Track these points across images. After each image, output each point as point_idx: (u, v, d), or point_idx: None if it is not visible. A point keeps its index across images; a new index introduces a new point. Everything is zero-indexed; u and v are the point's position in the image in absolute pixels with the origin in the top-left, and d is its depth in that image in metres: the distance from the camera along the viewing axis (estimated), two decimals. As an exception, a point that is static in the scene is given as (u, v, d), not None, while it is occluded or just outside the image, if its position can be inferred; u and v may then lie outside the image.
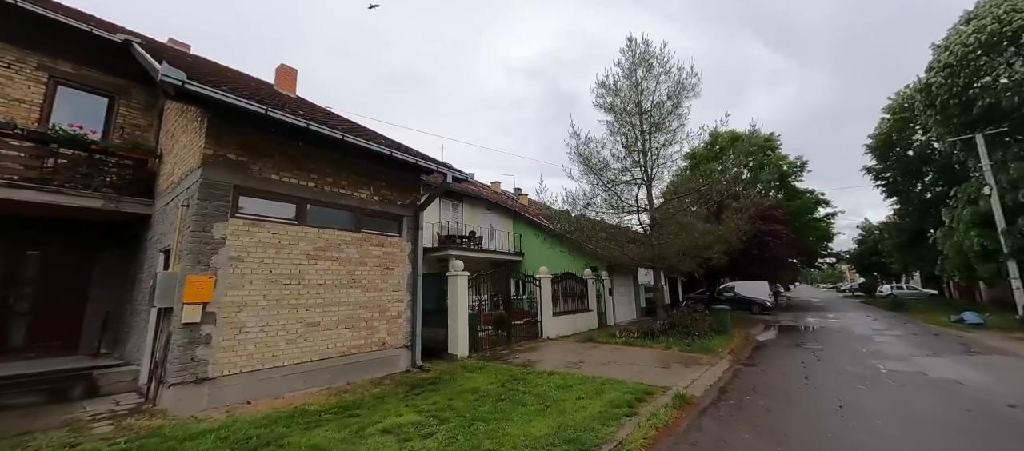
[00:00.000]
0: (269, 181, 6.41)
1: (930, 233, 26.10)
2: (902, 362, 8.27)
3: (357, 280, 7.40)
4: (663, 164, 13.27)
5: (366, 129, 9.26)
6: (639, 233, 13.32)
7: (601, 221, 13.10)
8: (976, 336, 12.10)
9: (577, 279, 14.96)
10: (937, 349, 9.81)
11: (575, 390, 5.98)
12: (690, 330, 11.25)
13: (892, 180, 28.81)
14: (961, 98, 17.39)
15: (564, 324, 13.32)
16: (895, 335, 12.53)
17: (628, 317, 18.76)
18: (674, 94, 12.85)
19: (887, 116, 26.79)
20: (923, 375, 7.02)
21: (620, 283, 19.05)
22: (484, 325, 13.13)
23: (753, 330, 14.46)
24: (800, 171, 32.62)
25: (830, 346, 10.74)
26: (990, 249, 15.67)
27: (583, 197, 13.51)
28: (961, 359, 8.49)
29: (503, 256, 19.99)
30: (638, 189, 12.82)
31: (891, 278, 42.43)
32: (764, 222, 18.62)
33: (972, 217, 16.56)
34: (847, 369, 7.73)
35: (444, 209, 19.33)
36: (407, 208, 8.59)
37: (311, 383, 6.47)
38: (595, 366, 8.09)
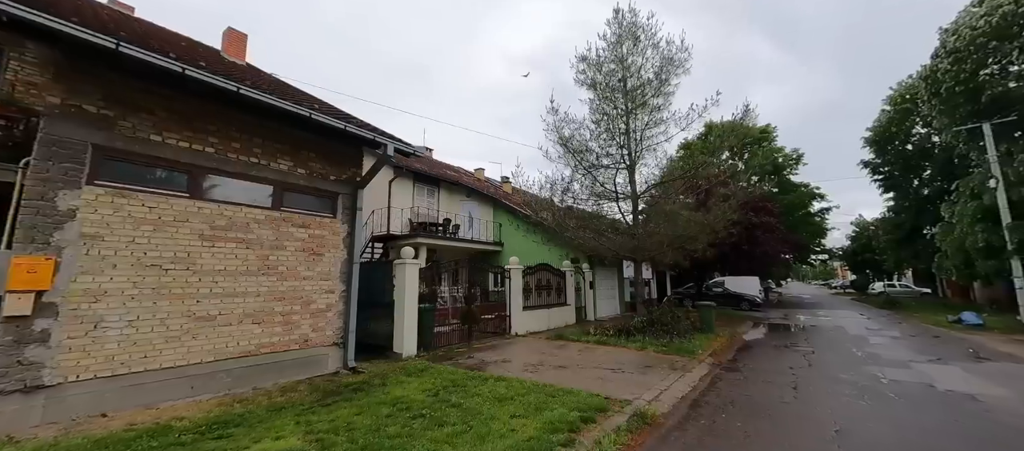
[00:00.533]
0: (148, 143, 5.21)
1: (926, 230, 25.30)
2: (904, 369, 7.29)
3: (272, 267, 6.26)
4: (647, 147, 12.16)
5: (317, 100, 8.03)
6: (619, 221, 12.23)
7: (577, 208, 11.99)
8: (979, 338, 11.20)
9: (554, 271, 13.89)
10: (941, 354, 8.86)
11: (515, 403, 4.91)
12: (670, 328, 10.23)
13: (889, 174, 27.91)
14: (968, 86, 16.36)
15: (536, 319, 12.27)
16: (892, 336, 11.60)
17: (611, 312, 17.76)
18: (662, 70, 11.70)
19: (887, 108, 25.79)
20: (931, 387, 6.02)
21: (603, 276, 18.03)
22: (452, 319, 12.08)
23: (739, 328, 13.50)
24: (795, 164, 31.69)
25: (822, 348, 9.77)
26: (994, 245, 14.76)
27: (562, 182, 12.40)
28: (970, 367, 7.52)
29: (481, 246, 18.91)
30: (616, 172, 11.70)
31: (883, 276, 41.85)
32: (756, 214, 17.61)
33: (975, 212, 15.62)
34: (842, 378, 6.73)
35: (418, 194, 18.16)
36: (344, 185, 7.42)
37: (203, 389, 5.35)
38: (553, 370, 7.03)
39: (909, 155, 26.02)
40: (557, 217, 11.46)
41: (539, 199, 11.92)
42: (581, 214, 11.78)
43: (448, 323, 11.51)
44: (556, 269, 14.06)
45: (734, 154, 27.79)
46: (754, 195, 18.51)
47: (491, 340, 10.44)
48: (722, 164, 18.70)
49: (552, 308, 13.25)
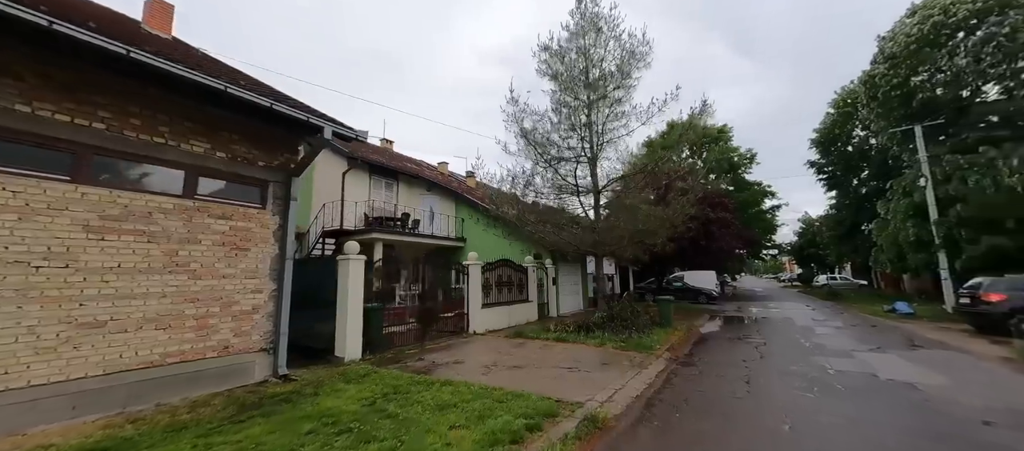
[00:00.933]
0: (12, 114, 4.30)
1: (864, 226, 27.17)
2: (848, 359, 7.48)
3: (182, 263, 5.45)
4: (609, 140, 12.02)
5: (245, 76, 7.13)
6: (580, 216, 12.02)
7: (535, 202, 11.67)
8: (912, 327, 11.93)
9: (515, 267, 13.54)
10: (879, 342, 9.26)
11: (458, 412, 4.46)
12: (630, 323, 10.14)
13: (832, 174, 29.76)
14: (902, 90, 17.50)
15: (496, 317, 11.87)
16: (835, 326, 12.15)
17: (574, 308, 17.66)
18: (623, 62, 11.57)
19: (832, 111, 27.40)
20: (874, 377, 6.15)
21: (567, 272, 17.91)
22: (409, 318, 11.44)
23: (697, 321, 13.73)
24: (749, 163, 33.10)
25: (773, 339, 10.00)
26: (923, 240, 15.89)
27: (523, 175, 12.03)
28: (907, 355, 7.85)
29: (442, 242, 18.25)
30: (577, 165, 11.46)
31: (826, 269, 44.82)
32: (712, 210, 18.08)
33: (907, 208, 16.77)
34: (792, 369, 6.78)
35: (375, 188, 17.24)
36: (275, 172, 6.65)
37: (90, 409, 4.52)
38: (507, 371, 6.64)
39: (850, 156, 27.84)
40: (518, 211, 11.08)
41: (501, 193, 11.49)
42: (541, 208, 11.47)
43: (405, 322, 10.88)
44: (517, 265, 13.72)
45: (693, 152, 28.66)
46: (711, 191, 19.00)
47: (448, 339, 9.93)
48: (682, 161, 19.13)
49: (513, 305, 12.89)
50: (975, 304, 10.46)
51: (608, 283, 24.03)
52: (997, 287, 10.27)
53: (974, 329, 11.08)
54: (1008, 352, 7.51)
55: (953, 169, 15.59)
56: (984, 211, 14.13)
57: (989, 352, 7.90)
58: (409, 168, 19.30)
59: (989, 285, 10.46)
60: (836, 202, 30.42)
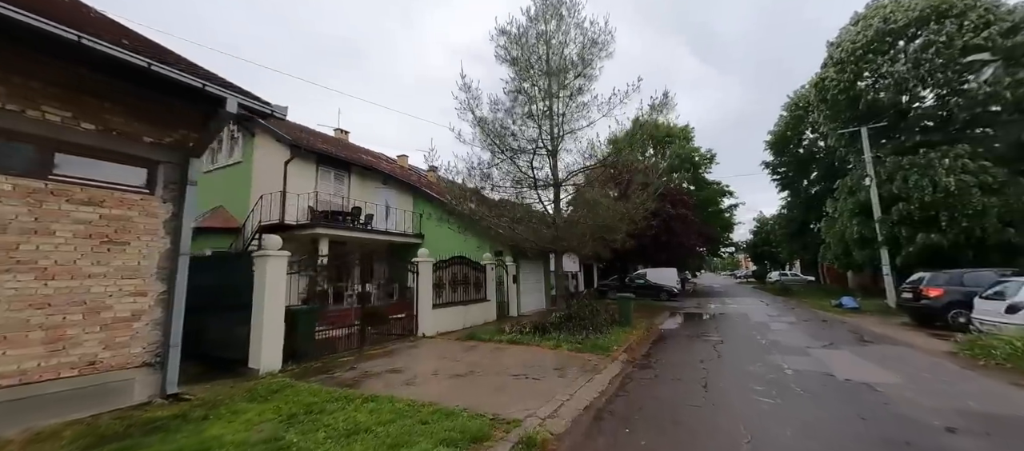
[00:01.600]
0: None
1: (813, 225, 28.48)
2: (803, 357, 7.31)
3: (26, 260, 4.32)
4: (569, 131, 11.50)
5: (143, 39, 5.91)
6: (538, 210, 11.45)
7: (493, 195, 10.99)
8: (858, 321, 12.24)
9: (472, 264, 12.79)
10: (831, 338, 9.28)
11: (369, 438, 3.69)
12: (588, 323, 9.66)
13: (785, 175, 31.03)
14: (848, 94, 18.20)
15: (450, 317, 11.08)
16: (789, 322, 12.28)
17: (536, 307, 17.14)
18: (585, 51, 11.07)
19: (785, 113, 28.49)
20: (830, 377, 5.91)
21: (529, 269, 17.35)
22: (356, 320, 10.44)
23: (657, 319, 13.55)
24: (709, 163, 34.04)
25: (730, 336, 9.85)
26: (867, 237, 16.56)
27: (479, 166, 11.28)
28: (859, 351, 7.81)
29: (398, 238, 17.20)
30: (533, 156, 10.85)
31: (778, 266, 47.06)
32: (673, 207, 18.12)
33: (853, 207, 17.45)
34: (750, 370, 6.47)
35: (323, 179, 15.95)
36: (168, 151, 5.55)
37: None
38: (448, 380, 5.91)
39: (801, 157, 29.07)
40: (467, 201, 10.33)
41: (454, 185, 10.70)
42: (495, 201, 10.78)
43: (351, 325, 9.86)
44: (474, 262, 12.98)
45: (656, 151, 29.05)
46: (673, 188, 19.08)
47: (393, 344, 9.06)
48: (647, 159, 19.08)
49: (469, 305, 12.15)
50: (917, 298, 10.79)
51: (572, 281, 23.79)
52: (936, 282, 10.64)
53: (914, 322, 11.49)
54: (950, 346, 7.61)
55: (894, 169, 16.34)
56: (922, 209, 14.84)
57: (933, 347, 8.01)
58: (362, 159, 18.07)
59: (929, 280, 10.83)
60: (788, 202, 31.75)
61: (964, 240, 14.05)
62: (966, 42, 14.44)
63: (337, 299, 14.12)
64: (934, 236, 14.22)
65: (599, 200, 11.14)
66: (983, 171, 14.36)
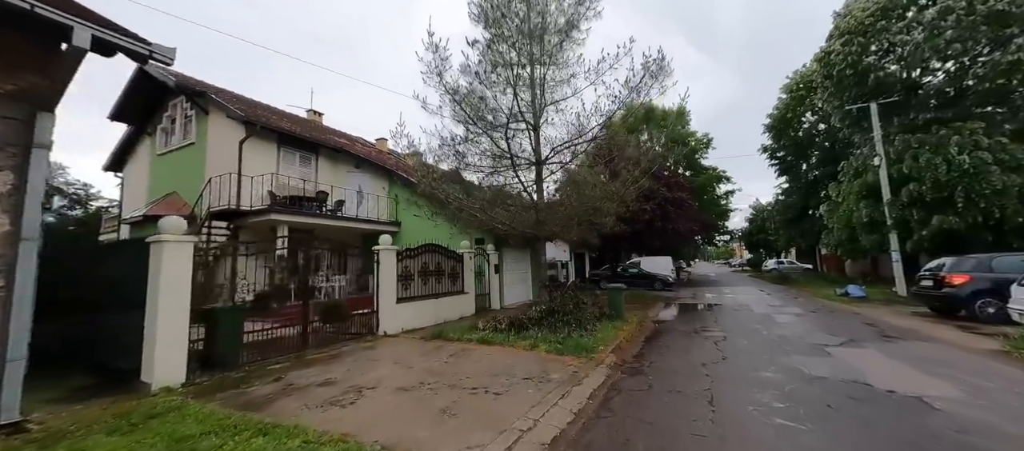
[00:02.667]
0: None
1: (813, 211, 27.44)
2: (825, 358, 6.14)
3: None
4: (553, 102, 10.18)
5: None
6: (514, 190, 10.14)
7: (456, 174, 9.65)
8: (870, 312, 11.17)
9: (446, 253, 11.51)
10: (849, 333, 8.14)
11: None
12: (572, 317, 8.45)
13: (784, 159, 29.91)
14: (856, 68, 16.95)
15: (418, 313, 9.83)
16: (795, 314, 11.16)
17: (522, 299, 15.93)
18: (570, 9, 9.70)
19: (784, 95, 27.25)
20: (867, 388, 4.73)
21: (515, 259, 16.12)
22: (312, 318, 9.14)
23: (651, 311, 12.40)
24: (705, 148, 32.86)
25: (733, 331, 8.69)
26: (876, 220, 15.47)
27: (452, 142, 9.93)
28: (887, 349, 6.66)
29: (373, 226, 15.84)
30: (508, 128, 9.49)
31: (774, 254, 46.28)
32: (670, 190, 16.89)
33: (860, 189, 16.33)
34: (764, 377, 5.28)
35: (286, 161, 14.54)
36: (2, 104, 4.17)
37: None
38: (387, 397, 4.66)
39: (801, 141, 27.92)
40: (435, 182, 8.99)
41: (422, 164, 9.33)
42: (467, 182, 9.46)
43: (309, 323, 8.54)
44: (449, 251, 11.69)
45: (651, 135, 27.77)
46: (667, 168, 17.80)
47: (345, 344, 7.79)
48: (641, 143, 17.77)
49: (442, 298, 10.88)
50: (939, 286, 9.69)
51: (561, 271, 22.60)
52: (961, 268, 9.52)
53: (933, 313, 10.43)
54: (998, 344, 6.48)
55: (904, 148, 15.20)
56: (935, 190, 13.74)
57: (971, 343, 6.89)
58: (331, 141, 16.60)
59: (953, 266, 9.72)
60: (787, 187, 30.69)
61: (982, 222, 12.98)
62: (990, 8, 13.20)
63: (303, 293, 12.81)
64: (951, 218, 13.13)
65: (586, 179, 9.89)
66: (1001, 148, 13.25)
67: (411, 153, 9.33)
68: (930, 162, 13.94)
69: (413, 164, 9.67)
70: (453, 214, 9.52)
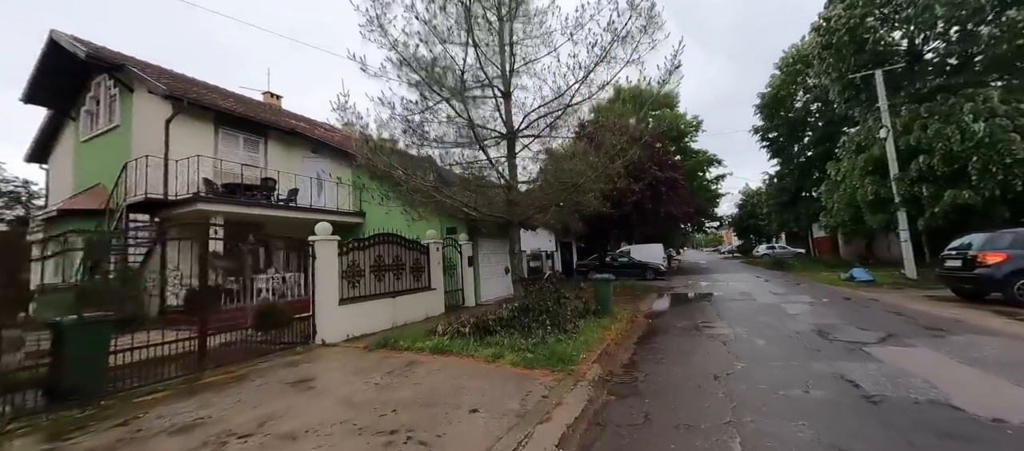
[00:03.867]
0: None
1: (808, 192, 26.43)
2: (871, 364, 4.76)
3: None
4: (526, 64, 8.61)
5: None
6: (479, 164, 8.56)
7: (405, 151, 8.02)
8: (887, 298, 9.95)
9: (408, 244, 9.93)
10: (881, 326, 6.80)
11: None
12: (550, 316, 6.96)
13: (776, 140, 28.80)
14: (856, 35, 15.71)
15: (370, 315, 8.27)
16: (806, 302, 9.86)
17: (502, 293, 14.42)
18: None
19: (778, 71, 26.03)
20: (956, 412, 3.35)
21: (493, 250, 14.57)
22: (251, 326, 7.51)
23: (643, 303, 11.02)
24: (695, 131, 31.64)
25: (742, 327, 7.31)
26: (882, 198, 14.30)
27: (402, 111, 8.28)
28: (942, 348, 5.32)
29: (334, 217, 14.11)
30: (465, 94, 7.87)
31: (765, 239, 45.60)
32: (661, 169, 15.48)
33: (864, 165, 15.14)
34: (802, 396, 3.87)
35: (228, 144, 12.73)
36: None
37: None
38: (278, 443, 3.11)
39: (794, 120, 26.78)
40: (369, 150, 7.34)
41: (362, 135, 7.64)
42: (420, 157, 7.84)
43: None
44: (411, 242, 10.11)
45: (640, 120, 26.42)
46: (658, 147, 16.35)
47: (265, 360, 6.19)
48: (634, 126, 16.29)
49: (401, 296, 9.32)
50: (970, 266, 8.45)
51: (547, 261, 21.13)
52: (997, 245, 8.29)
53: (959, 297, 9.23)
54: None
55: (912, 119, 14.01)
56: (946, 162, 12.58)
57: (1034, 334, 5.61)
58: (284, 123, 14.75)
59: (986, 243, 8.48)
60: (779, 169, 29.64)
61: (999, 195, 11.85)
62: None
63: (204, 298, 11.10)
64: (966, 192, 11.97)
65: (565, 151, 8.38)
66: (1021, 114, 12.10)
67: (346, 124, 7.63)
68: (941, 132, 12.77)
69: (347, 132, 7.92)
70: (407, 196, 7.91)
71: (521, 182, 9.22)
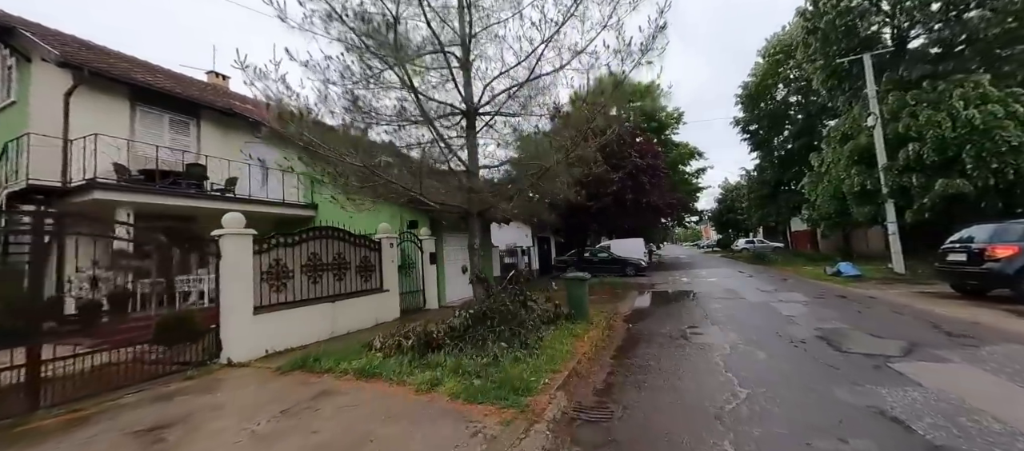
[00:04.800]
0: None
1: (788, 185, 26.05)
2: (909, 388, 3.72)
3: None
4: (487, 28, 7.32)
5: None
6: (431, 155, 7.22)
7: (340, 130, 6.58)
8: (884, 295, 9.17)
9: (353, 239, 8.55)
10: (896, 332, 5.86)
11: None
12: (509, 325, 5.74)
13: (756, 133, 28.36)
14: (845, 18, 15.03)
15: (299, 324, 6.88)
16: (800, 302, 8.96)
17: (468, 294, 13.07)
18: None
19: (761, 60, 25.46)
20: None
21: (459, 245, 13.24)
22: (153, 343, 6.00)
23: (622, 304, 9.95)
24: (677, 123, 30.96)
25: (736, 335, 6.27)
26: (870, 189, 13.67)
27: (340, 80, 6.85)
28: (982, 362, 4.36)
29: (280, 210, 12.60)
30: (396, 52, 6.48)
31: (744, 233, 45.73)
32: (641, 156, 14.44)
33: (851, 153, 14.49)
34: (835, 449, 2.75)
35: (148, 124, 10.96)
36: None
37: None
38: None
39: (775, 111, 26.34)
40: (278, 115, 5.90)
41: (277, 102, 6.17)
42: (348, 135, 6.41)
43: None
44: (358, 237, 8.74)
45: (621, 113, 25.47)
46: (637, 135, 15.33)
47: (145, 388, 4.77)
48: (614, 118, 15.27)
49: (344, 300, 7.95)
50: (977, 260, 7.67)
51: (523, 258, 19.94)
52: (1006, 237, 7.52)
53: (959, 293, 8.51)
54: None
55: (900, 106, 13.39)
56: (938, 151, 11.96)
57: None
58: (219, 103, 12.98)
59: (994, 235, 7.72)
60: (760, 163, 29.27)
61: (993, 185, 11.29)
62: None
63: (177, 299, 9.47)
64: (958, 181, 11.36)
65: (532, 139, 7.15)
66: (1015, 99, 11.56)
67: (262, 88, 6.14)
68: (931, 119, 12.14)
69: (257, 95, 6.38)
70: (338, 179, 6.50)
71: (484, 167, 7.98)
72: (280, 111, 5.70)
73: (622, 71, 5.88)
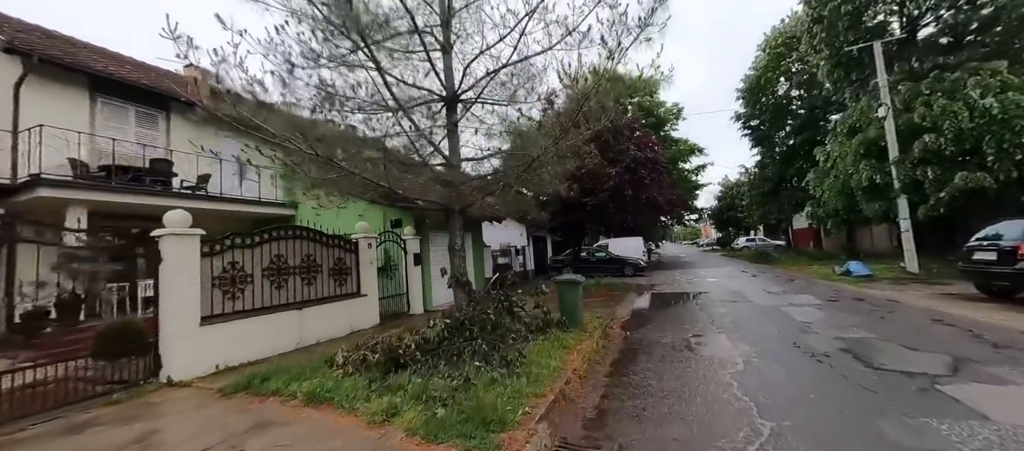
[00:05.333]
0: None
1: (791, 182, 25.37)
2: (982, 426, 2.99)
3: None
4: (465, 4, 6.59)
5: None
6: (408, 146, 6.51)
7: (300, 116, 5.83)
8: (905, 298, 8.47)
9: (324, 240, 7.82)
10: (932, 344, 5.16)
11: None
12: (490, 338, 5.02)
13: (758, 128, 27.66)
14: (851, 2, 14.32)
15: (258, 335, 6.15)
16: (813, 305, 8.25)
17: (458, 295, 12.42)
18: None
19: (761, 53, 24.74)
20: None
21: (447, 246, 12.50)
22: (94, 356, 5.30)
23: (621, 308, 9.23)
24: (676, 118, 30.28)
25: (748, 345, 5.56)
26: (880, 184, 12.97)
27: (303, 61, 6.10)
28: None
29: (257, 209, 11.89)
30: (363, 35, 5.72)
31: (744, 231, 45.06)
32: (640, 149, 13.71)
33: (859, 146, 13.78)
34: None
35: (111, 118, 10.20)
36: None
37: None
38: None
39: (777, 106, 25.63)
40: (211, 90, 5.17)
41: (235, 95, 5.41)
42: (303, 119, 5.67)
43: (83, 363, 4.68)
44: (330, 237, 8.00)
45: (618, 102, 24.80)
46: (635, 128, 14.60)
47: (58, 415, 4.06)
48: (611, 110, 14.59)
49: (313, 307, 7.22)
50: (1011, 260, 6.96)
51: (517, 258, 19.22)
52: (1042, 233, 6.83)
53: (985, 294, 7.82)
54: None
55: (912, 96, 12.69)
56: (956, 142, 11.27)
57: None
58: (189, 96, 12.19)
59: (1028, 231, 7.02)
60: (761, 159, 28.57)
61: (1016, 178, 10.61)
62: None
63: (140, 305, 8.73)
64: (979, 174, 10.67)
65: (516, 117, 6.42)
66: (1036, 87, 10.88)
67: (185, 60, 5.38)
68: (947, 109, 11.45)
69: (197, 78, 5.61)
70: (294, 169, 5.77)
71: (466, 160, 7.26)
72: (212, 88, 4.96)
73: (618, 45, 5.10)
